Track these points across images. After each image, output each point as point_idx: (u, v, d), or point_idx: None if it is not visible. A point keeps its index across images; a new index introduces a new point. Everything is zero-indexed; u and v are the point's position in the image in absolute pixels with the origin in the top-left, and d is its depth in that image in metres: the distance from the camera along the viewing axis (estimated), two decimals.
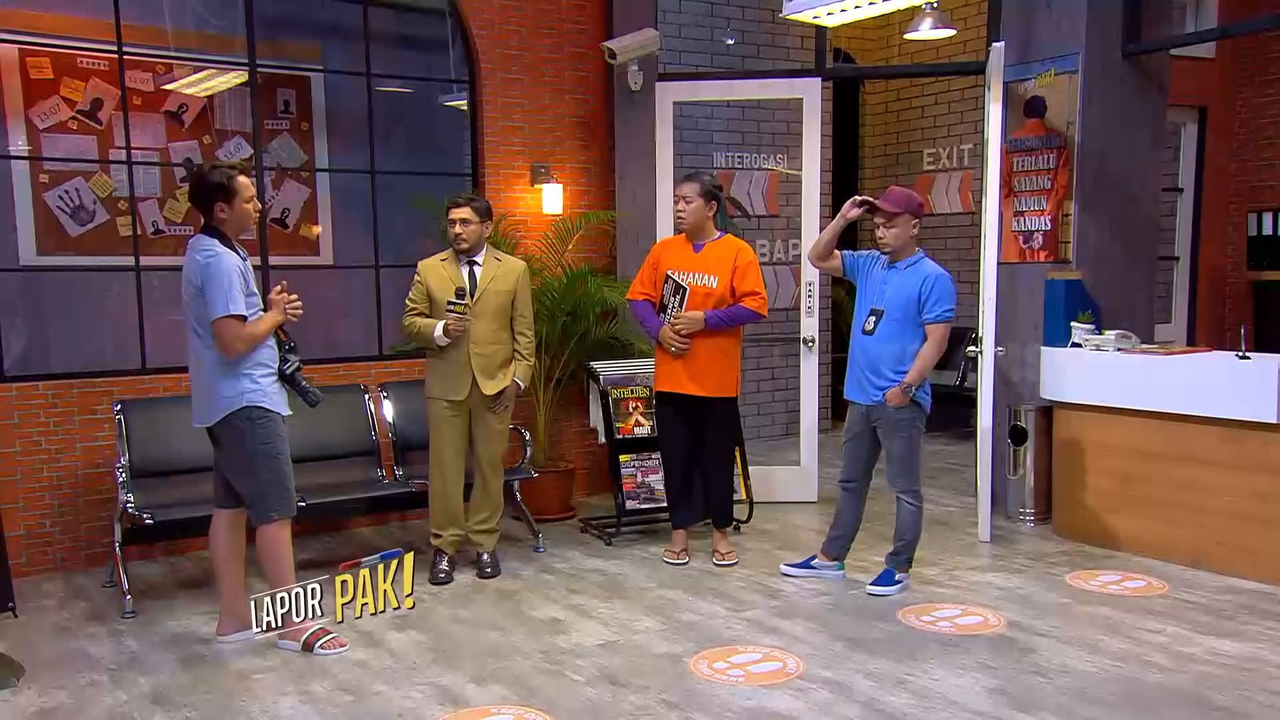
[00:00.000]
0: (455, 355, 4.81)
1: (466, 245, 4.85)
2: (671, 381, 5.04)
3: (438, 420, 4.93)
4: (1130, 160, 5.90)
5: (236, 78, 5.97)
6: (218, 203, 3.91)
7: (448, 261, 4.91)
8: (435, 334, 4.76)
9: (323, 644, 4.06)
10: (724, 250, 5.01)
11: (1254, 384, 4.68)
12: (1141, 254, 6.08)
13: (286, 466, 4.05)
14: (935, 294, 4.47)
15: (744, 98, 7.64)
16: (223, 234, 3.94)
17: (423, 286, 4.88)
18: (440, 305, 4.79)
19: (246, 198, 3.96)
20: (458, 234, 4.83)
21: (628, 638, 4.19)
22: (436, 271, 4.90)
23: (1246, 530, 4.77)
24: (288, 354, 4.08)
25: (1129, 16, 5.76)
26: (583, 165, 6.70)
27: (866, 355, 4.59)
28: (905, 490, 4.64)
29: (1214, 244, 8.22)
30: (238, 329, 3.85)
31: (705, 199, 4.98)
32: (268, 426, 3.97)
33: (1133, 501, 5.22)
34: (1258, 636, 4.08)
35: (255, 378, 3.94)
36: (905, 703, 3.51)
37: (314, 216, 6.41)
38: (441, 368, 4.87)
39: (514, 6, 6.39)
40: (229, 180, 3.91)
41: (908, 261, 4.57)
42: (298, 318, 4.07)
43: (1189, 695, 3.54)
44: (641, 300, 5.14)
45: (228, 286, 3.81)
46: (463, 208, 4.85)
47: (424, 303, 4.89)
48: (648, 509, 5.74)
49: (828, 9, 5.28)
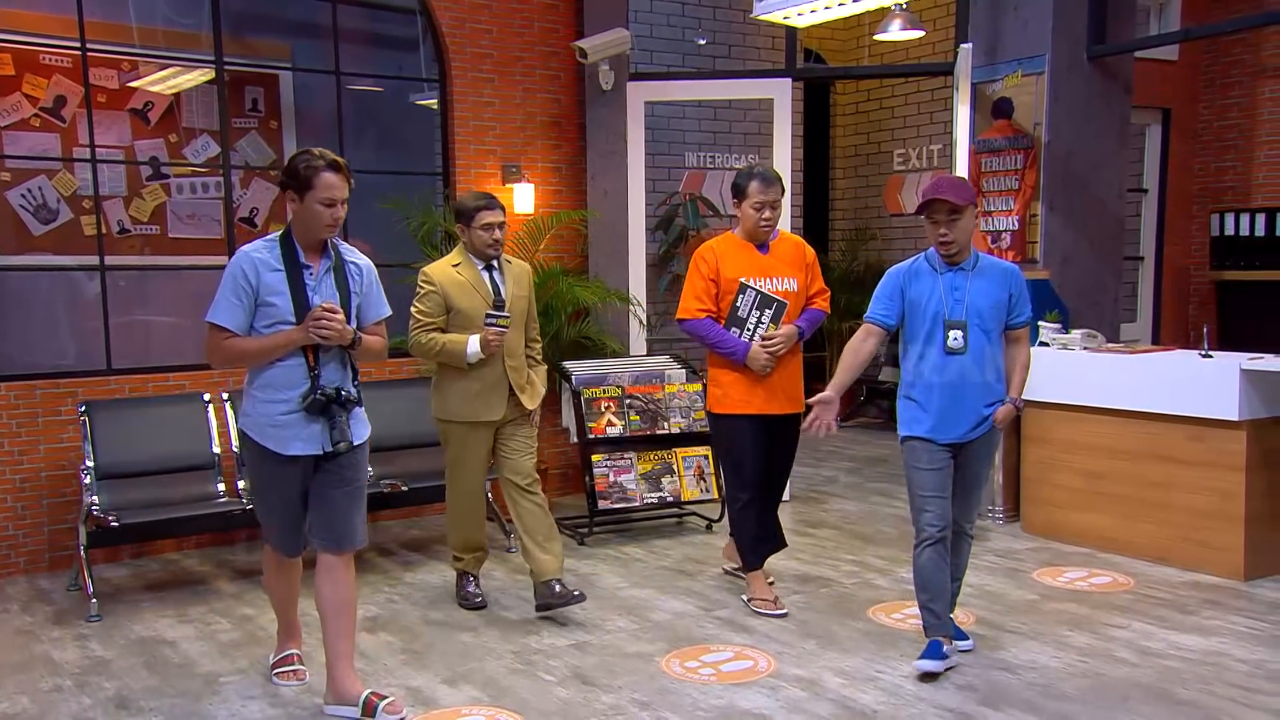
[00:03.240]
0: (489, 371, 4.29)
1: (500, 250, 4.37)
2: (764, 403, 4.37)
3: (464, 444, 4.39)
4: (1096, 161, 5.97)
5: (203, 75, 5.91)
6: (289, 192, 3.33)
7: (462, 267, 4.35)
8: (470, 350, 4.20)
9: (279, 675, 3.78)
10: (789, 248, 4.48)
11: (1216, 383, 4.74)
12: (1107, 254, 6.15)
13: (272, 508, 3.50)
14: (1023, 292, 3.83)
15: (715, 98, 7.66)
16: (290, 234, 3.39)
17: (438, 297, 4.28)
18: (467, 317, 4.26)
19: (324, 199, 3.28)
20: (496, 239, 4.30)
21: (600, 637, 4.18)
22: (453, 279, 4.31)
23: (1210, 526, 4.83)
24: (314, 383, 3.35)
25: (1094, 19, 5.82)
26: (554, 164, 6.69)
27: (967, 379, 3.72)
28: (974, 524, 4.02)
29: (1178, 244, 8.33)
30: (212, 340, 3.33)
31: None
32: (253, 459, 3.45)
33: (1100, 499, 5.28)
34: (1220, 631, 4.13)
35: (256, 402, 3.37)
36: (876, 699, 3.53)
37: (283, 215, 6.35)
38: (469, 386, 4.30)
39: (484, 5, 6.36)
40: (307, 170, 3.28)
41: (973, 260, 3.79)
42: (324, 340, 3.31)
43: (1153, 689, 3.58)
44: (705, 318, 4.37)
45: (221, 291, 3.31)
46: (498, 209, 4.31)
47: (440, 316, 4.29)
48: (620, 508, 5.74)
49: (798, 10, 5.30)
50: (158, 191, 5.95)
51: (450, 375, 4.34)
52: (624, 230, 6.53)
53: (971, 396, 3.73)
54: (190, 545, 5.62)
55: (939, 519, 3.76)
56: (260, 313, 3.32)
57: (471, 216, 4.28)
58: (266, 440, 3.36)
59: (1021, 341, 3.84)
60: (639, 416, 5.87)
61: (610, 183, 6.56)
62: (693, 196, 7.94)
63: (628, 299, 6.47)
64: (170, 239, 6.00)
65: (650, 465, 5.81)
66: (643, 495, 5.75)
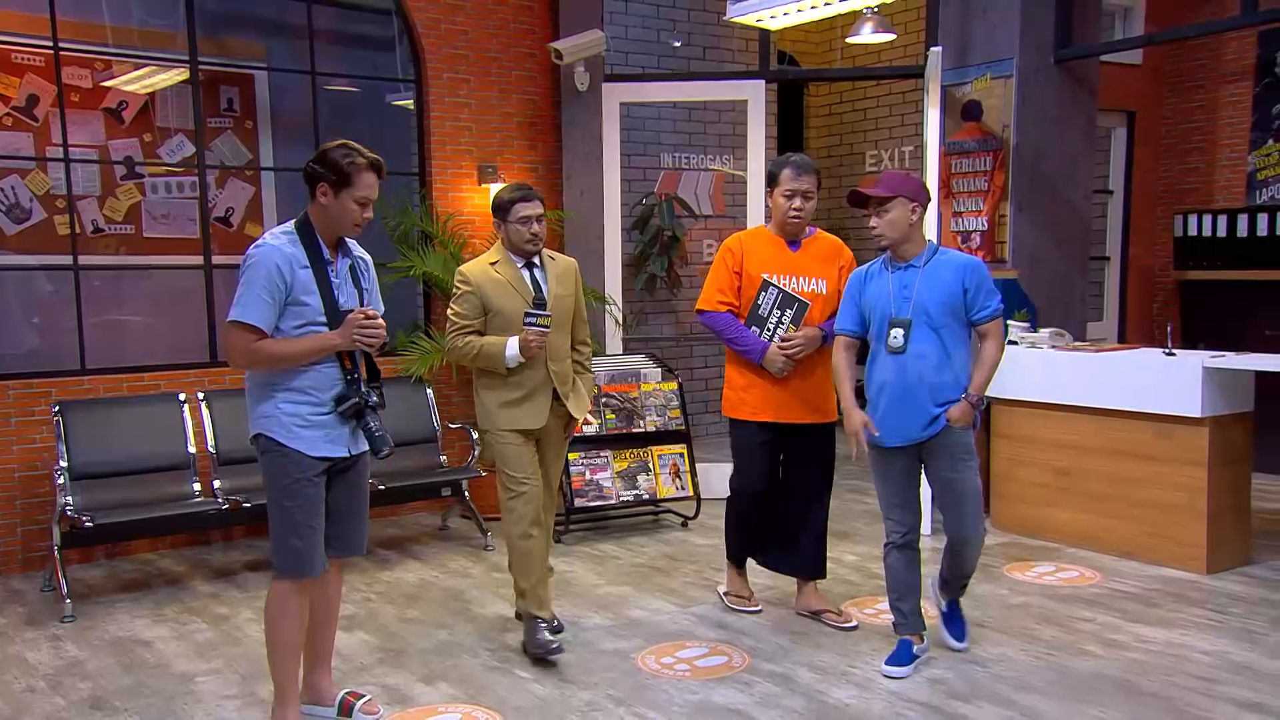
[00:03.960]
0: (531, 376, 3.88)
1: (541, 244, 3.98)
2: (781, 410, 4.08)
3: (514, 454, 3.91)
4: (1063, 163, 6.02)
5: (178, 75, 5.85)
6: (322, 184, 3.11)
7: (500, 265, 3.94)
8: (509, 353, 3.81)
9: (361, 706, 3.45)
10: (824, 247, 4.18)
11: (1180, 380, 4.79)
12: (1074, 254, 6.21)
13: (298, 518, 3.13)
14: (983, 285, 3.62)
15: (689, 99, 7.67)
16: (310, 225, 3.16)
17: (475, 298, 3.89)
18: (507, 319, 3.86)
19: (360, 197, 3.13)
20: (535, 233, 3.90)
21: (576, 634, 4.17)
22: (491, 278, 3.91)
23: (1173, 521, 4.89)
24: (351, 386, 3.17)
25: (1060, 23, 5.88)
26: (530, 165, 6.67)
27: (908, 379, 3.60)
28: (980, 531, 3.77)
29: (1143, 244, 8.42)
30: (241, 341, 3.04)
31: None
32: (277, 463, 3.12)
33: (1067, 495, 5.33)
34: (1183, 624, 4.18)
35: (279, 402, 3.11)
36: (848, 694, 3.55)
37: (259, 216, 6.29)
38: (510, 393, 3.89)
39: (460, 7, 6.34)
40: (350, 165, 3.11)
41: (926, 255, 3.66)
42: (372, 347, 3.16)
43: (1118, 681, 3.62)
44: (725, 312, 4.12)
45: (252, 288, 3.03)
46: (536, 200, 3.91)
47: (477, 318, 3.90)
48: (596, 506, 5.74)
49: (771, 12, 5.31)
50: (132, 191, 5.88)
51: (490, 381, 3.93)
52: (600, 230, 6.53)
53: (918, 396, 3.59)
54: (165, 545, 5.56)
55: (900, 525, 3.76)
56: (290, 312, 3.08)
57: (508, 210, 3.89)
58: (295, 442, 3.10)
59: (988, 337, 3.64)
60: (615, 415, 5.87)
61: (586, 183, 6.56)
62: (668, 197, 7.94)
63: (604, 298, 6.47)
64: (145, 238, 5.94)
65: (626, 463, 5.82)
66: (619, 493, 5.75)
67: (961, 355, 3.64)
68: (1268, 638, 4.01)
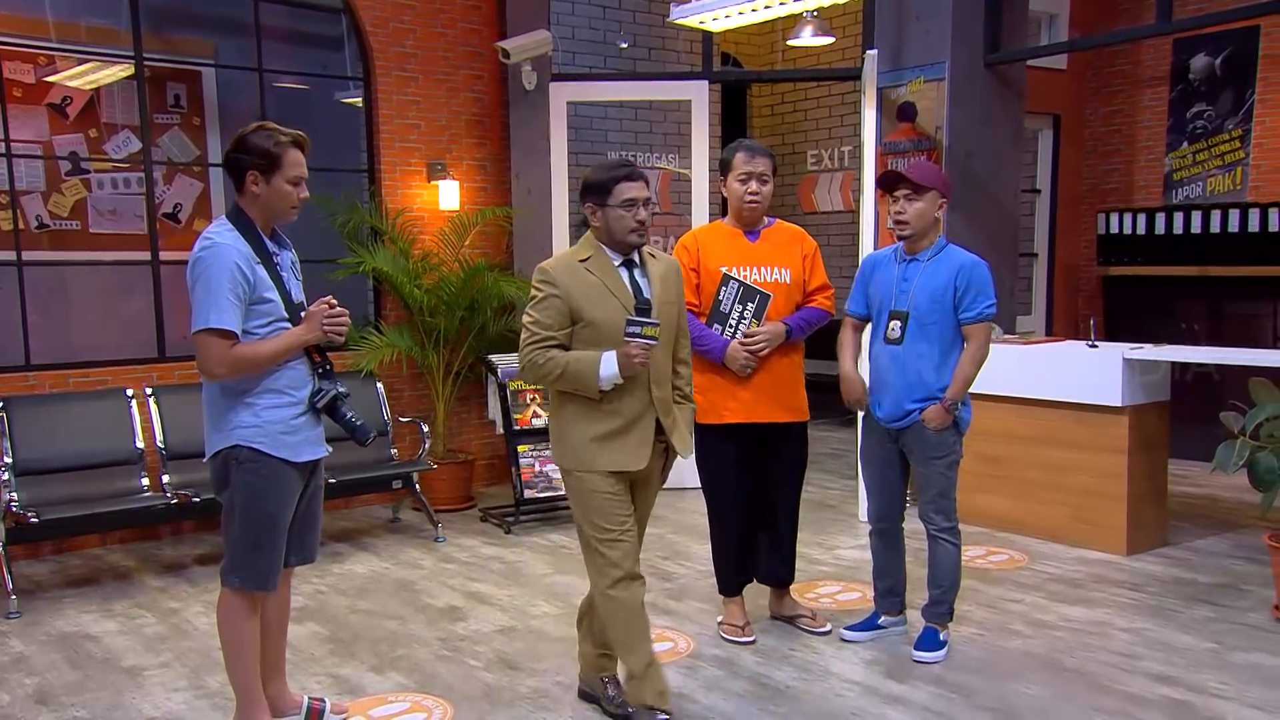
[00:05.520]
0: (631, 404, 3.02)
1: (646, 237, 3.15)
2: (746, 410, 3.76)
3: (606, 503, 3.04)
4: (993, 163, 6.11)
5: (123, 71, 5.69)
6: (251, 172, 2.88)
7: (594, 262, 3.08)
8: (604, 372, 2.95)
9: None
10: (785, 236, 3.88)
11: (1102, 372, 4.90)
12: (1004, 251, 6.30)
13: (271, 532, 2.95)
14: (973, 286, 3.52)
15: (635, 98, 7.66)
16: (247, 218, 2.93)
17: (561, 303, 3.01)
18: (601, 330, 3.00)
19: (291, 176, 2.91)
20: (642, 221, 3.05)
21: (525, 623, 4.16)
22: (582, 279, 3.05)
23: (1096, 506, 5.00)
24: (323, 381, 3.00)
25: (990, 29, 5.97)
26: (479, 162, 6.61)
27: (898, 367, 3.58)
28: (943, 529, 3.69)
29: (1069, 241, 8.59)
30: (219, 349, 2.80)
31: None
32: (259, 474, 2.89)
33: (997, 481, 5.42)
34: (1104, 603, 4.28)
35: (258, 410, 2.88)
36: (789, 676, 3.58)
37: (207, 212, 6.16)
38: (605, 424, 3.02)
39: (408, 6, 6.25)
40: (276, 147, 2.88)
41: (931, 251, 3.59)
42: (341, 339, 2.99)
43: (1044, 659, 3.70)
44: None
45: (217, 291, 2.78)
46: (641, 181, 3.06)
47: (562, 328, 3.02)
48: (545, 498, 5.71)
49: (713, 14, 5.31)
50: (78, 187, 5.72)
51: (577, 409, 3.05)
52: (548, 226, 6.49)
53: (898, 389, 3.59)
54: (115, 541, 5.43)
55: (877, 509, 3.85)
56: (255, 312, 2.86)
57: (607, 191, 3.02)
58: (281, 450, 2.90)
59: (971, 338, 3.56)
60: None
61: (534, 180, 6.52)
62: None
63: None
64: (92, 234, 5.78)
65: None
66: None
67: (952, 355, 3.60)
68: (1181, 614, 4.13)
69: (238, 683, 3.04)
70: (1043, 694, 3.40)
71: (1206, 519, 5.59)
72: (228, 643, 3.02)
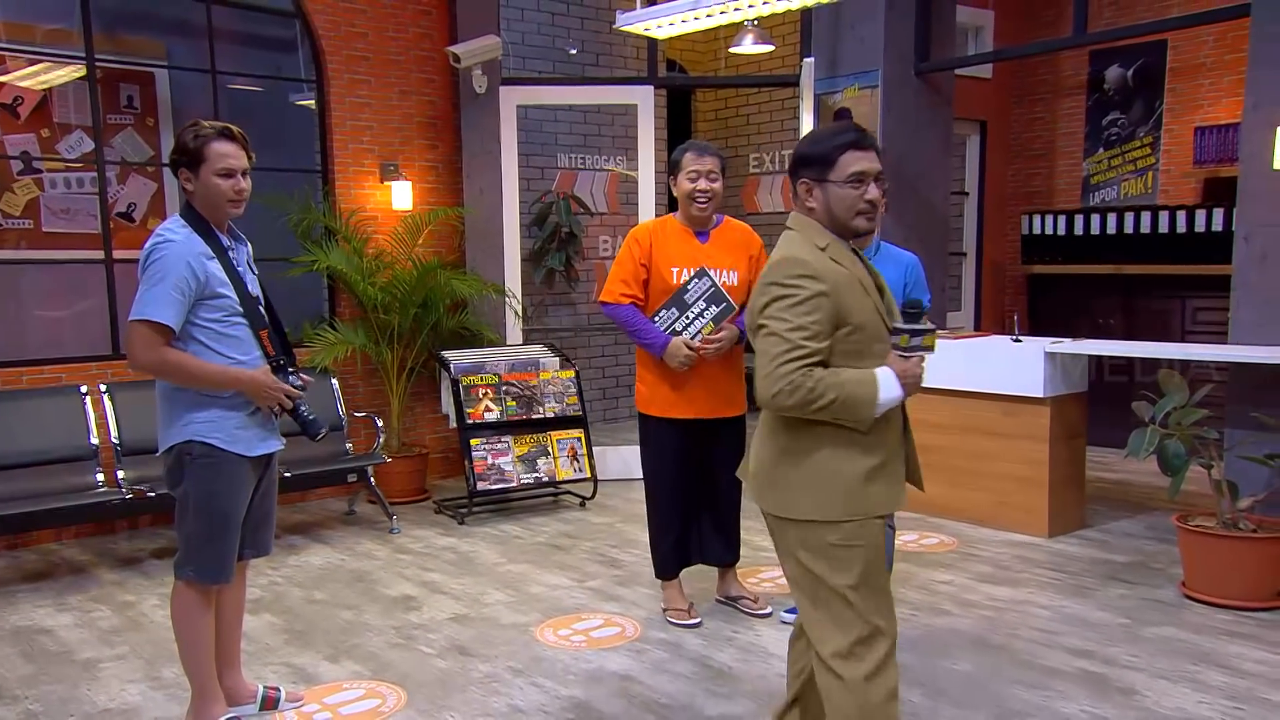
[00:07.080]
0: (888, 435, 2.33)
1: (875, 221, 2.38)
2: (691, 406, 3.77)
3: (877, 554, 2.28)
4: (924, 167, 6.22)
5: (75, 72, 5.54)
6: (182, 170, 2.87)
7: (833, 250, 2.29)
8: (886, 397, 2.23)
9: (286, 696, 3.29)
10: (735, 236, 3.83)
11: (1025, 364, 5.01)
12: (935, 250, 6.41)
13: (228, 527, 2.93)
14: (920, 281, 3.58)
15: (583, 102, 7.65)
16: (197, 214, 2.88)
17: (830, 303, 2.20)
18: (866, 338, 2.26)
19: (219, 169, 2.83)
20: (872, 201, 2.31)
21: (478, 611, 4.14)
22: (837, 273, 2.24)
23: (1021, 492, 5.11)
24: (279, 374, 2.94)
25: (920, 39, 6.07)
26: (431, 164, 6.55)
27: None
28: None
29: (995, 241, 8.77)
30: (150, 339, 2.76)
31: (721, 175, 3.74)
32: (213, 469, 2.86)
33: (928, 469, 5.41)
34: (1028, 583, 4.39)
35: (212, 405, 2.85)
36: (731, 657, 3.61)
37: (161, 211, 6.02)
38: (870, 459, 2.27)
39: (360, 10, 6.17)
40: (196, 141, 2.83)
41: (872, 249, 3.52)
42: (273, 412, 2.96)
43: (971, 636, 3.78)
44: (628, 304, 3.76)
45: (160, 285, 2.75)
46: (870, 150, 2.31)
47: (829, 337, 2.22)
48: (498, 489, 5.69)
49: (658, 22, 5.32)
50: (30, 186, 5.56)
51: (837, 440, 2.26)
52: (499, 226, 6.46)
53: None
54: (70, 535, 5.30)
55: None
56: (209, 306, 2.82)
57: (830, 163, 2.27)
58: (236, 445, 2.87)
59: None
60: (515, 402, 5.83)
61: (485, 181, 6.48)
62: (565, 195, 7.90)
63: (504, 291, 6.41)
64: (45, 233, 5.62)
65: (526, 448, 5.79)
66: (519, 476, 5.72)
67: None
68: (1097, 592, 4.25)
69: (192, 674, 3.00)
70: (969, 670, 3.48)
71: (1121, 502, 5.75)
72: (182, 635, 2.98)
